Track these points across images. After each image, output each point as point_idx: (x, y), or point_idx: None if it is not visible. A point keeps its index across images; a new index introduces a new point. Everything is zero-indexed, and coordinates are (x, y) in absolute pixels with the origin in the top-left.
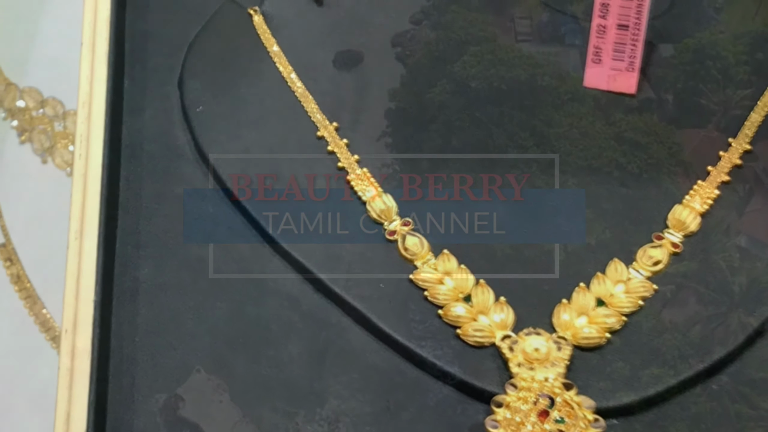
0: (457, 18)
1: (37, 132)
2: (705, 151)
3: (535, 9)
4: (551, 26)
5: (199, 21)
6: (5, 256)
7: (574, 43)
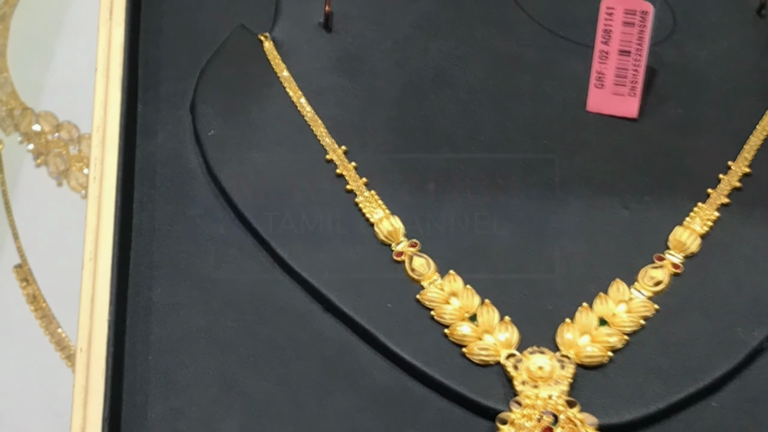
0: (464, 46)
1: (52, 155)
2: (705, 174)
3: (539, 35)
4: (555, 52)
5: (211, 47)
6: (22, 276)
7: (576, 69)
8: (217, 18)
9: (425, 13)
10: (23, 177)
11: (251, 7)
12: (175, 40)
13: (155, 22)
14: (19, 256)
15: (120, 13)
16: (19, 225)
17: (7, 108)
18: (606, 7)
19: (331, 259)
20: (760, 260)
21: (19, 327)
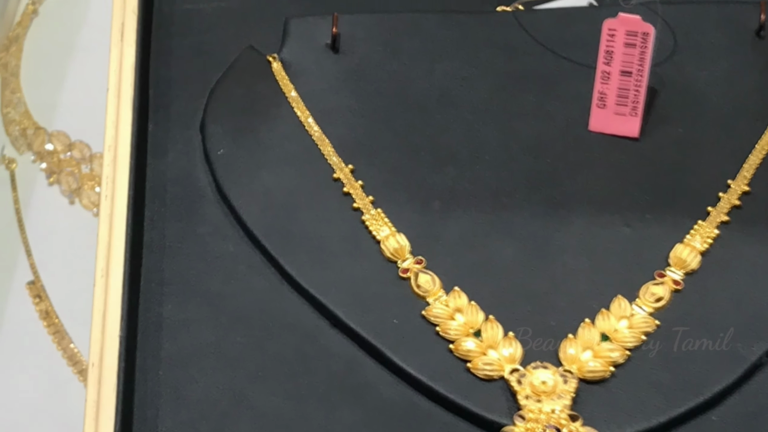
0: (468, 67)
1: (64, 174)
2: (705, 193)
3: (542, 56)
4: (557, 72)
5: (220, 68)
6: (35, 293)
7: (579, 89)
8: (227, 39)
9: (430, 34)
10: (36, 195)
11: (260, 28)
12: (185, 61)
13: (166, 44)
14: (32, 273)
15: (131, 34)
16: (32, 242)
17: (20, 127)
18: (608, 28)
19: (338, 276)
20: (759, 277)
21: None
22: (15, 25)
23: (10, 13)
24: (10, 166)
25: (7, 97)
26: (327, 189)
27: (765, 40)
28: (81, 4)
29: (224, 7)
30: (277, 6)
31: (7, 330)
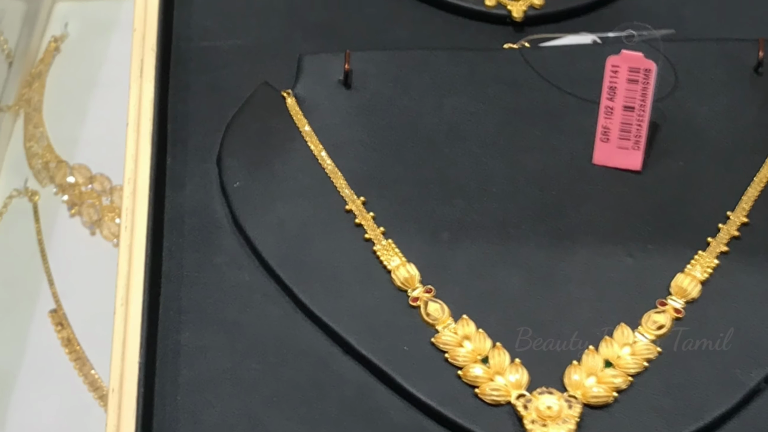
0: (476, 102)
1: (86, 206)
2: (705, 224)
3: (547, 92)
4: (562, 108)
5: (236, 103)
6: (57, 320)
7: (583, 124)
8: (242, 76)
9: (439, 71)
10: (58, 226)
11: (274, 65)
12: (202, 96)
13: (183, 80)
14: (54, 302)
15: (150, 70)
16: (54, 272)
17: (42, 161)
18: (611, 65)
19: (350, 305)
20: (758, 305)
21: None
22: (38, 61)
23: (33, 50)
24: (33, 198)
25: (30, 131)
26: (339, 220)
27: (763, 77)
28: (101, 42)
29: (240, 45)
30: (291, 43)
31: (31, 356)
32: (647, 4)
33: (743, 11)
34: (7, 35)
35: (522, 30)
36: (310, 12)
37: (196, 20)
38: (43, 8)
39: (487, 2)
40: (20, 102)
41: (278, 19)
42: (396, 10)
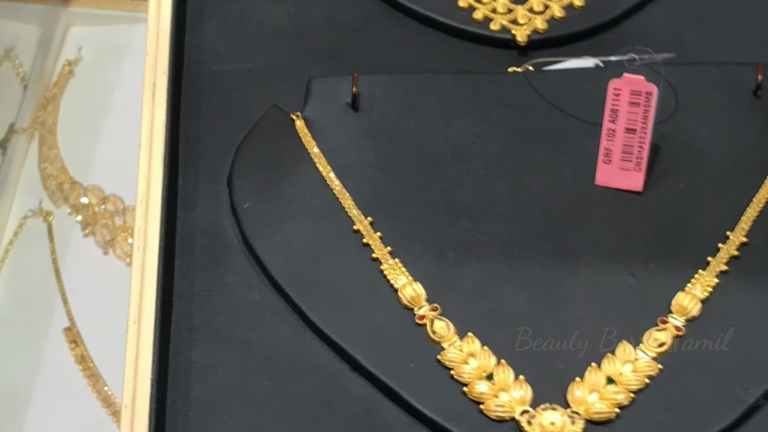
0: (481, 125)
1: (99, 226)
2: (705, 244)
3: (551, 114)
4: (565, 130)
5: (246, 126)
6: (71, 338)
7: (586, 145)
8: (252, 99)
9: (445, 94)
10: (72, 246)
11: (284, 88)
12: (213, 119)
13: (195, 102)
14: (68, 320)
15: (162, 93)
16: (68, 290)
17: (57, 182)
18: (613, 88)
19: (357, 323)
20: (756, 323)
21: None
22: (52, 85)
23: (48, 73)
24: (47, 219)
25: (45, 153)
26: (347, 240)
27: (762, 99)
28: (114, 66)
29: (250, 69)
30: (300, 67)
31: (45, 373)
32: (648, 29)
33: (742, 36)
34: (23, 59)
35: (526, 54)
36: (318, 36)
37: (207, 44)
38: (58, 33)
39: (491, 27)
40: (35, 124)
41: (287, 44)
42: (402, 34)
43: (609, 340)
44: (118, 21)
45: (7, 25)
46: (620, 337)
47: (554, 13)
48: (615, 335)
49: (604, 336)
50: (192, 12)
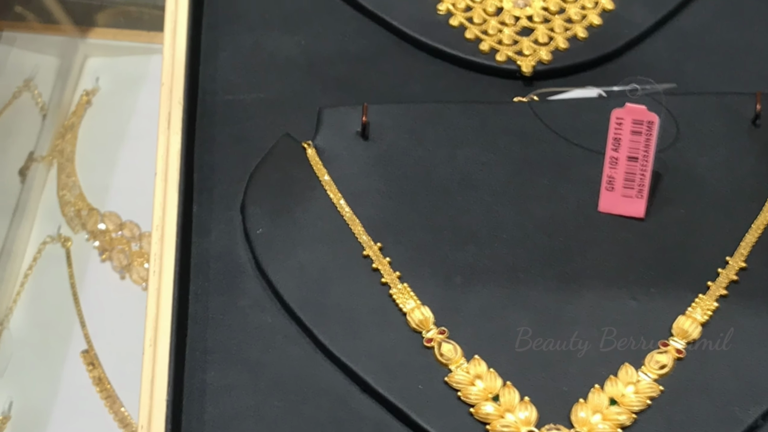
0: (487, 153)
1: (116, 251)
2: (705, 269)
3: (555, 143)
4: (569, 158)
5: (259, 154)
6: (88, 360)
7: (589, 173)
8: (265, 128)
9: (452, 123)
10: (90, 271)
11: (295, 118)
12: (226, 147)
13: (209, 132)
14: (86, 342)
15: (177, 123)
16: (86, 314)
17: (75, 209)
18: (616, 117)
19: (367, 345)
20: (755, 346)
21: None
22: (70, 114)
23: (66, 103)
24: (65, 244)
25: (63, 180)
26: (357, 265)
27: (760, 128)
28: (131, 96)
29: (263, 98)
30: (311, 97)
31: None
32: (650, 60)
33: (741, 66)
34: (42, 89)
35: (531, 84)
36: (329, 67)
37: (221, 75)
38: (76, 63)
39: (497, 58)
40: (54, 153)
41: (299, 74)
42: (411, 65)
43: (611, 362)
44: (134, 52)
45: (26, 56)
46: (622, 359)
47: (558, 44)
48: (617, 357)
49: (606, 358)
50: (206, 43)
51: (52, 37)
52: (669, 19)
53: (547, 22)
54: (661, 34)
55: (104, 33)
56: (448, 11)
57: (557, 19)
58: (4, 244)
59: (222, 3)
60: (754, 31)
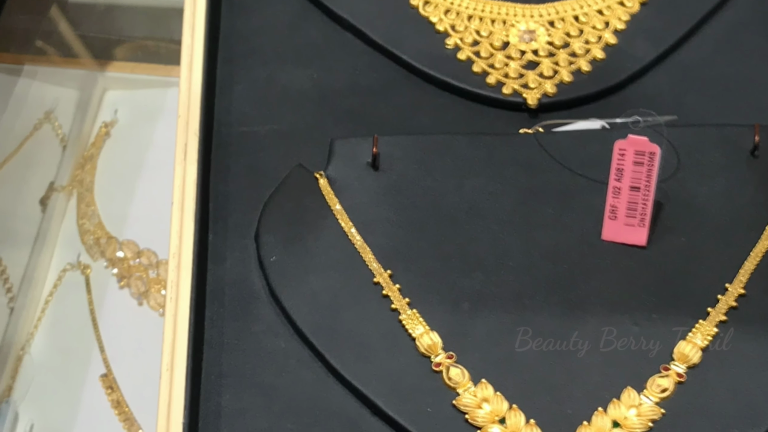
0: (494, 183)
1: (134, 279)
2: (705, 295)
3: (560, 173)
4: (574, 188)
5: (273, 184)
6: (107, 384)
7: (593, 202)
8: (278, 158)
9: (460, 154)
10: (108, 298)
11: (308, 149)
12: (241, 177)
13: (224, 162)
14: (104, 367)
15: (193, 153)
16: (104, 339)
17: (94, 237)
18: (618, 148)
19: (378, 369)
20: (754, 371)
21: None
22: (89, 145)
23: (85, 134)
24: (85, 272)
25: (83, 209)
26: (368, 292)
27: (759, 159)
28: (148, 127)
29: (276, 130)
30: (323, 129)
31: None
32: (652, 93)
33: (740, 99)
34: (62, 121)
35: (536, 116)
36: (340, 100)
37: (235, 107)
38: (95, 96)
39: (504, 91)
40: (73, 183)
41: (311, 107)
42: (420, 98)
43: (614, 386)
44: (151, 85)
45: (47, 89)
46: (625, 383)
47: (563, 77)
48: (620, 381)
49: (609, 382)
50: (221, 77)
51: (72, 71)
52: (670, 54)
53: (552, 56)
54: (663, 68)
55: (122, 67)
56: (456, 45)
57: (562, 53)
58: (25, 272)
59: (237, 38)
60: (752, 65)
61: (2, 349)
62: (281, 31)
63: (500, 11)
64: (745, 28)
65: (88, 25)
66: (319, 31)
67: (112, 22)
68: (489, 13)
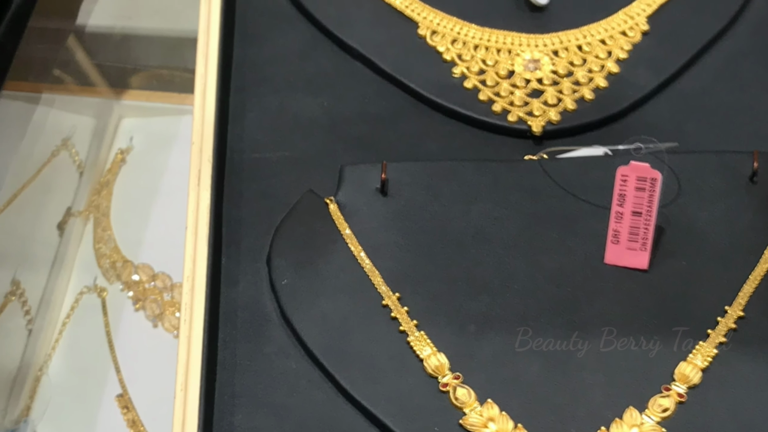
0: (500, 208)
1: (149, 301)
2: (705, 317)
3: (563, 198)
4: (577, 213)
5: (284, 209)
6: (123, 404)
7: (596, 227)
8: (290, 184)
9: (467, 180)
10: (124, 320)
11: (318, 175)
12: (253, 203)
13: (237, 188)
14: (120, 387)
15: (207, 179)
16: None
17: (110, 261)
18: (621, 174)
19: (386, 390)
20: (753, 391)
21: None
22: (106, 171)
23: (102, 161)
24: (101, 294)
25: (99, 234)
26: (377, 314)
27: (758, 185)
28: (163, 154)
29: (288, 156)
30: (333, 155)
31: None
32: (653, 120)
33: (739, 126)
34: (79, 148)
35: (541, 143)
36: (350, 127)
37: (248, 134)
38: (111, 124)
39: (509, 118)
40: (90, 208)
41: (321, 134)
42: (428, 125)
43: (617, 406)
44: (166, 113)
45: (64, 116)
46: (627, 403)
47: (567, 105)
48: (622, 401)
49: (612, 402)
50: (234, 105)
51: (88, 99)
52: (671, 82)
53: (556, 84)
54: (664, 96)
55: (138, 95)
56: (462, 74)
57: (566, 82)
58: (43, 294)
59: (249, 67)
60: (751, 94)
61: (21, 369)
62: (292, 60)
63: (506, 41)
64: (744, 57)
65: (105, 55)
66: (329, 61)
67: (128, 51)
68: (495, 43)
